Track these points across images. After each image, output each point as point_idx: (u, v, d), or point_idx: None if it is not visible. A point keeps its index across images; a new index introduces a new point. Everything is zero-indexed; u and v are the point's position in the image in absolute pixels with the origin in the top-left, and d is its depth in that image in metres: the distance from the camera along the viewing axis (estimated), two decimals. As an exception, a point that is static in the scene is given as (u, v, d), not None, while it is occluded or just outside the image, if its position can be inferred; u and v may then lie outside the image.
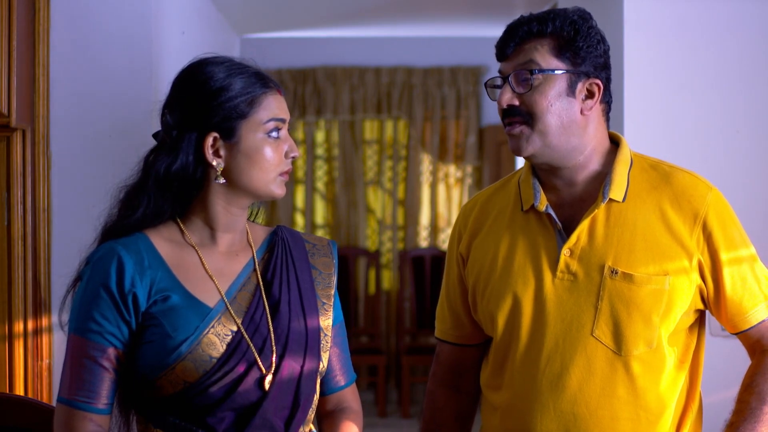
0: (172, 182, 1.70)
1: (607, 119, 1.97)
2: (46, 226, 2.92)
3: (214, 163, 1.70)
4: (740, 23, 3.25)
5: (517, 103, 1.87)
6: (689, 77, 3.25)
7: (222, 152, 1.70)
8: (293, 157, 1.74)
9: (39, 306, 2.88)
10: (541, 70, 1.86)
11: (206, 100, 1.69)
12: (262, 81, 1.73)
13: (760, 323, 1.94)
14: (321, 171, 6.88)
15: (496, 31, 1.96)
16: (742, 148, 3.25)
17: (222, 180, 1.70)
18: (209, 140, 1.69)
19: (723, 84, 3.24)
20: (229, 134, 1.69)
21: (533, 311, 1.90)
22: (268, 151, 1.71)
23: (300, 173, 6.86)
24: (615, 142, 1.99)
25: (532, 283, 1.91)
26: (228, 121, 1.69)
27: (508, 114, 1.89)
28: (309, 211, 6.83)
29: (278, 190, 1.73)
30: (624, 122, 3.23)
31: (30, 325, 2.85)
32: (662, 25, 3.24)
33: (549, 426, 1.87)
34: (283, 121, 1.73)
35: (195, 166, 1.70)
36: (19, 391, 2.83)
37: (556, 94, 1.87)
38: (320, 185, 6.88)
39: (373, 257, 6.67)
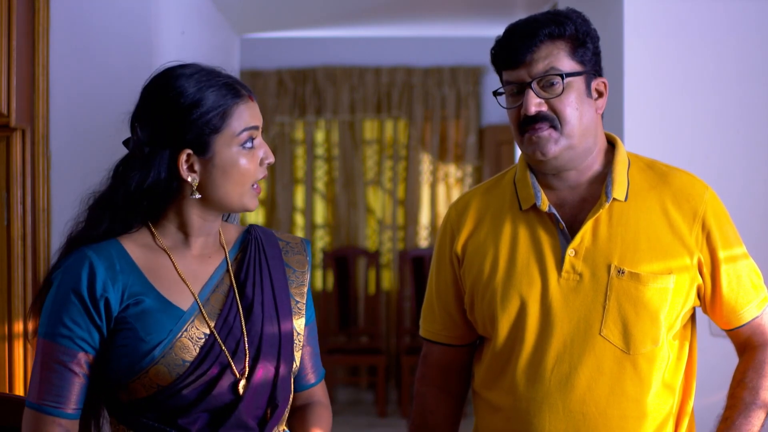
0: (143, 198, 1.68)
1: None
2: (45, 226, 2.92)
3: (189, 179, 1.67)
4: (740, 24, 3.25)
5: (545, 108, 1.86)
6: (689, 77, 3.25)
7: (196, 167, 1.68)
8: (269, 164, 1.71)
9: (39, 306, 2.87)
10: (568, 74, 1.86)
11: (178, 117, 1.66)
12: (233, 91, 1.69)
13: (752, 320, 1.96)
14: (321, 171, 6.88)
15: (496, 31, 1.95)
16: (742, 148, 3.25)
17: (197, 195, 1.68)
18: (183, 157, 1.67)
19: (723, 84, 3.24)
20: (203, 150, 1.67)
21: (540, 311, 1.90)
22: (243, 163, 1.68)
23: (300, 173, 6.86)
24: (610, 143, 1.99)
25: (537, 283, 1.91)
26: (201, 137, 1.66)
27: (534, 120, 1.86)
28: (309, 211, 6.83)
29: (250, 203, 1.71)
30: (624, 122, 3.23)
31: (30, 325, 2.84)
32: (662, 25, 3.24)
33: (558, 426, 1.87)
34: (256, 128, 1.70)
35: (168, 181, 1.68)
36: (19, 391, 2.83)
37: (579, 96, 1.87)
38: (320, 185, 6.88)
39: (373, 257, 6.67)
